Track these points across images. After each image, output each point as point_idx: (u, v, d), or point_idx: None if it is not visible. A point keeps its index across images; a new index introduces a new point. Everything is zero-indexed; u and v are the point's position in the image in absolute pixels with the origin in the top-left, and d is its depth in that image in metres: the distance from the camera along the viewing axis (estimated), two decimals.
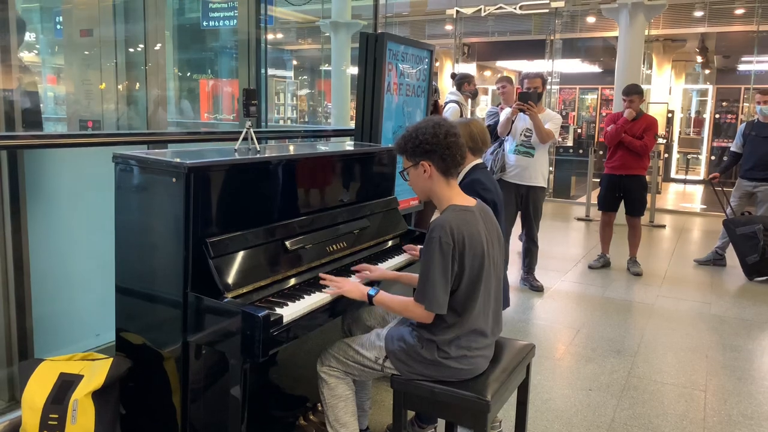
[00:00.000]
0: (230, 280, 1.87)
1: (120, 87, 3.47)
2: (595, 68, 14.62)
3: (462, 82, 5.49)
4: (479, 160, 2.77)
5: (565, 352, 3.67)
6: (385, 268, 2.41)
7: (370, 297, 2.05)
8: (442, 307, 1.91)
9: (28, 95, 2.63)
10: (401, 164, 2.13)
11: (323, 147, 3.09)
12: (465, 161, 2.68)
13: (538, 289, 4.82)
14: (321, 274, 2.13)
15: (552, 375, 3.32)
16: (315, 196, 2.40)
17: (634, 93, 5.24)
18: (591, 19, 11.51)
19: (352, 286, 2.08)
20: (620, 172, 5.29)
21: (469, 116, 5.40)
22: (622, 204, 5.45)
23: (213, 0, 8.77)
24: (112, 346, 2.11)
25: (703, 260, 5.86)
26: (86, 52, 3.46)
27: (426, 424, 2.56)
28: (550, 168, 9.26)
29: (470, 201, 2.05)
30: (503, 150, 4.76)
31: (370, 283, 2.19)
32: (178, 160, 1.86)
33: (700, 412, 2.96)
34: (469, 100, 5.62)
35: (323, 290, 2.06)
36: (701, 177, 12.29)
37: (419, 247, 2.61)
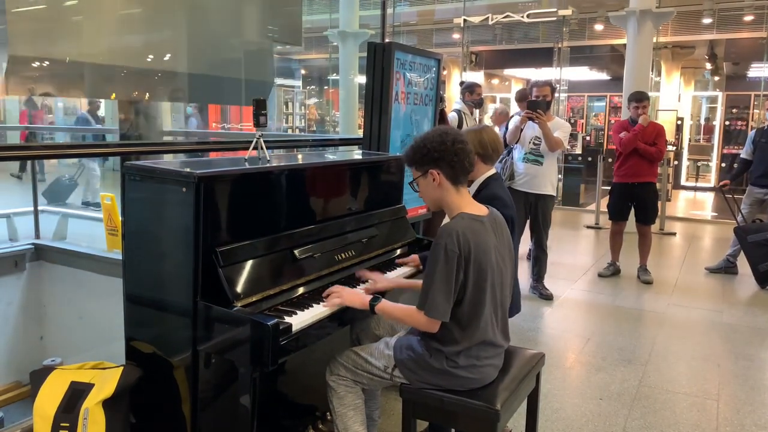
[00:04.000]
0: (239, 288, 1.87)
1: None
2: (604, 76, 14.60)
3: (465, 91, 5.52)
4: (492, 170, 2.74)
5: (575, 360, 3.65)
6: (394, 276, 2.41)
7: (371, 306, 2.02)
8: (444, 314, 1.90)
9: None
10: (410, 175, 2.13)
11: (332, 156, 3.10)
12: (476, 169, 2.69)
13: (547, 297, 4.80)
14: (326, 292, 2.10)
15: (562, 384, 3.30)
16: (323, 205, 2.40)
17: (647, 98, 5.25)
18: (599, 27, 11.51)
19: (353, 296, 2.05)
20: (632, 180, 5.26)
21: (470, 125, 5.41)
22: (631, 212, 5.43)
23: None
24: (122, 354, 2.12)
25: (714, 268, 5.81)
26: None
27: None
28: (559, 176, 9.23)
29: (482, 210, 2.04)
30: (512, 158, 4.76)
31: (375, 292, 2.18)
32: (188, 169, 1.87)
33: (713, 421, 2.93)
34: (476, 110, 5.63)
35: (322, 303, 2.01)
36: (712, 184, 12.21)
37: (414, 255, 2.61)
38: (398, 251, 2.71)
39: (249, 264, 1.94)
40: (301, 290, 2.10)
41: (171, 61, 3.35)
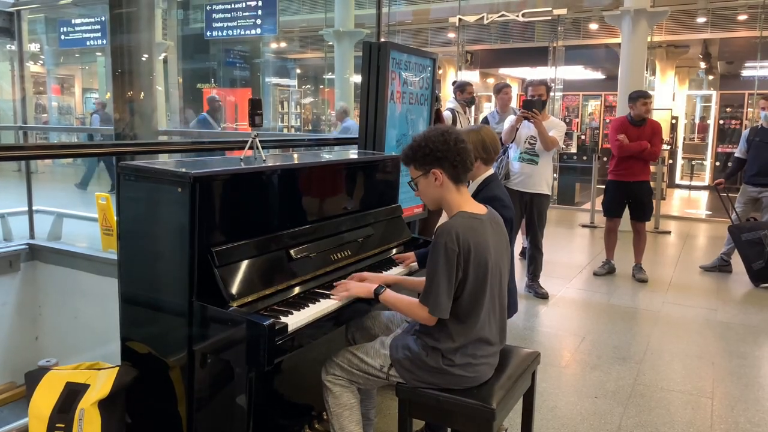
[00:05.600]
0: (235, 288, 1.87)
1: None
2: (599, 75, 14.64)
3: (456, 90, 5.56)
4: (491, 171, 2.76)
5: (570, 359, 3.66)
6: (389, 275, 2.41)
7: (377, 294, 2.07)
8: (444, 311, 1.92)
9: None
10: (406, 174, 2.13)
11: (327, 156, 3.10)
12: (476, 170, 2.70)
13: (542, 296, 4.81)
14: (333, 292, 2.14)
15: (557, 382, 3.31)
16: (319, 204, 2.40)
17: (649, 97, 5.31)
18: (594, 26, 11.54)
19: (359, 287, 2.11)
20: (627, 178, 5.28)
21: (465, 124, 5.43)
22: (626, 210, 5.45)
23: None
24: (118, 355, 2.12)
25: (708, 266, 5.83)
26: None
27: None
28: (555, 175, 9.25)
29: (480, 209, 2.05)
30: (507, 157, 4.77)
31: None
32: (183, 169, 1.87)
33: (707, 419, 2.95)
34: (471, 108, 5.66)
35: (331, 297, 2.07)
36: (706, 183, 12.26)
37: (410, 253, 2.62)
38: (394, 251, 2.72)
39: (245, 264, 1.94)
40: (296, 290, 2.10)
41: None
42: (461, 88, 5.56)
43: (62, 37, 12.04)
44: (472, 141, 2.65)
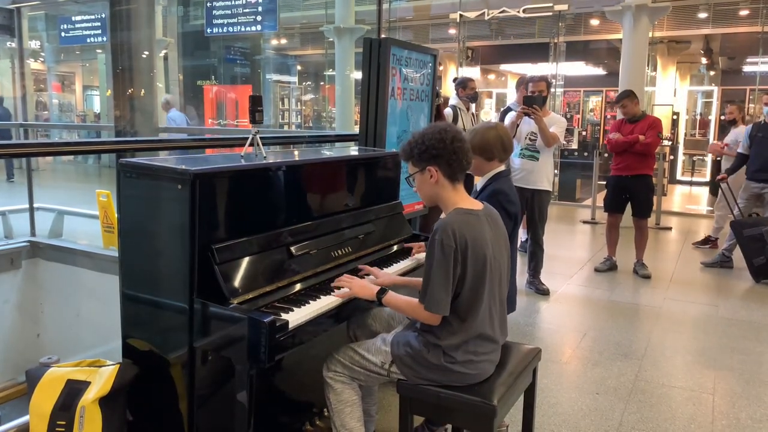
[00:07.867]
0: (236, 285, 1.87)
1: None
2: (600, 71, 14.60)
3: (458, 87, 5.53)
4: (503, 167, 2.77)
5: (571, 355, 3.66)
6: (393, 272, 2.41)
7: (379, 298, 2.05)
8: (444, 308, 1.92)
9: None
10: (407, 170, 2.14)
11: (328, 152, 3.10)
12: (489, 165, 2.73)
13: (544, 292, 4.81)
14: (336, 282, 2.14)
15: (559, 379, 3.31)
16: (320, 201, 2.40)
17: (625, 97, 5.28)
18: (595, 22, 11.50)
19: (362, 288, 2.09)
20: (626, 173, 5.28)
21: (467, 121, 5.40)
22: (628, 207, 5.44)
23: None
24: (119, 352, 2.12)
25: (710, 262, 5.83)
26: None
27: (436, 427, 2.56)
28: (555, 171, 9.23)
29: (476, 205, 2.06)
30: None
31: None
32: (183, 166, 1.86)
33: (709, 415, 2.95)
34: (473, 105, 5.63)
35: (333, 293, 2.07)
36: (707, 179, 12.23)
37: (420, 243, 2.63)
38: (395, 247, 2.71)
39: (245, 261, 1.94)
40: (297, 287, 2.10)
41: None
42: (463, 84, 5.53)
43: (62, 34, 12.02)
44: (491, 138, 2.69)
